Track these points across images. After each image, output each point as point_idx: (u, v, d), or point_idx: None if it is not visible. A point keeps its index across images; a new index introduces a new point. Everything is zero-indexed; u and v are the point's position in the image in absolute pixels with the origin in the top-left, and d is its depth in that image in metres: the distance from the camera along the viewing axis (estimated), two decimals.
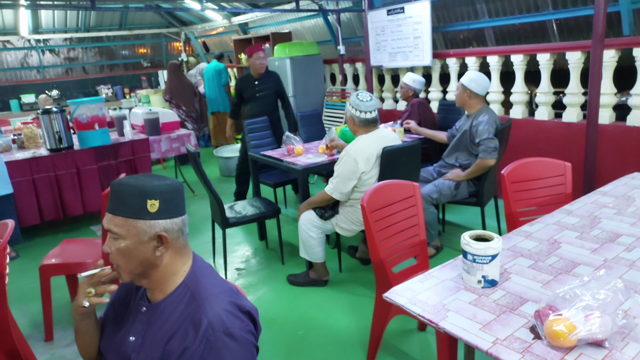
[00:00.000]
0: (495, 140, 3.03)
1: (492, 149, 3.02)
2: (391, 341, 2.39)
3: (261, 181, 3.98)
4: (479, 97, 3.18)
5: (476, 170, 3.11)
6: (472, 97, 3.16)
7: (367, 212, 2.00)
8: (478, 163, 3.09)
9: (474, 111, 3.19)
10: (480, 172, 3.13)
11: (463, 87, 3.18)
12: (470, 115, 3.22)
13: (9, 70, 8.58)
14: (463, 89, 3.18)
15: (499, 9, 4.46)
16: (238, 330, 1.06)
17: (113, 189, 1.09)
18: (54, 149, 4.06)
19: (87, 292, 1.14)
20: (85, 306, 1.15)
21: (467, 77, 3.17)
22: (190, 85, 6.48)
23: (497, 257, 1.42)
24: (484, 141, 3.03)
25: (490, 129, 3.04)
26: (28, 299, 3.09)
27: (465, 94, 3.17)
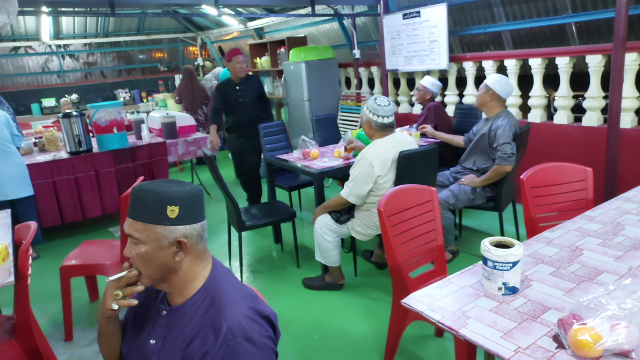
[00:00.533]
0: (513, 145, 2.99)
1: (509, 155, 2.98)
2: (408, 347, 2.37)
3: (276, 184, 3.99)
4: (500, 100, 3.14)
5: (492, 176, 3.08)
6: (493, 99, 3.12)
7: (384, 216, 1.99)
8: (495, 169, 3.05)
9: (493, 114, 3.15)
10: (497, 179, 3.09)
11: (486, 88, 3.14)
12: (489, 118, 3.19)
13: (31, 75, 8.78)
14: (486, 89, 3.14)
15: (517, 13, 4.41)
16: (257, 335, 1.06)
17: (134, 195, 1.10)
18: (74, 151, 4.14)
19: (114, 295, 1.15)
20: (114, 309, 1.16)
21: (493, 79, 3.14)
22: (201, 90, 6.54)
23: (518, 264, 1.40)
24: (502, 146, 3.00)
25: (508, 133, 3.00)
26: (48, 299, 3.14)
27: (487, 95, 3.13)
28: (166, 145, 4.61)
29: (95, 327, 2.78)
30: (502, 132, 3.01)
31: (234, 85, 4.20)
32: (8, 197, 3.59)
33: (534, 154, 4.01)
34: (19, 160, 3.68)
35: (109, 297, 1.16)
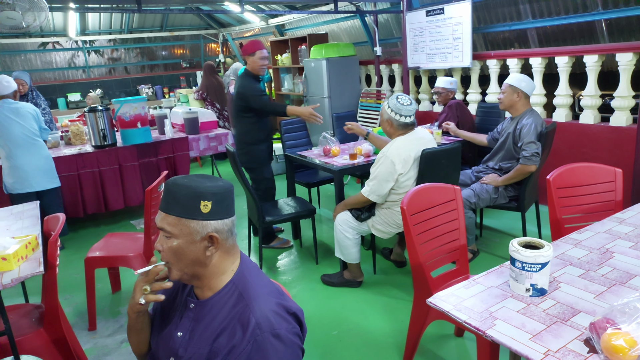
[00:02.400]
0: (538, 145, 2.93)
1: (533, 154, 2.93)
2: (427, 346, 2.35)
3: (296, 181, 4.00)
4: (527, 99, 3.10)
5: (516, 175, 3.02)
6: (521, 98, 3.08)
7: (407, 214, 1.98)
8: (518, 169, 3.00)
9: (519, 114, 3.10)
10: (520, 178, 3.04)
11: (512, 88, 3.08)
12: (514, 118, 3.13)
13: (57, 70, 8.98)
14: (512, 89, 3.08)
15: (544, 10, 4.31)
16: (285, 331, 1.07)
17: (167, 189, 1.11)
18: (99, 145, 4.22)
19: (143, 290, 1.17)
20: (141, 303, 1.17)
21: (515, 78, 3.09)
22: (222, 86, 6.60)
23: (547, 266, 1.37)
24: (527, 145, 2.94)
25: (534, 132, 2.94)
26: (73, 289, 3.22)
27: (515, 95, 3.08)
28: (188, 141, 4.66)
29: (118, 318, 2.83)
30: (527, 130, 2.95)
31: (258, 83, 3.56)
32: (34, 188, 3.67)
33: (559, 154, 3.93)
34: (44, 153, 3.75)
35: (137, 291, 1.18)
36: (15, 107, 3.60)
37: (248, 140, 3.53)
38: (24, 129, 3.60)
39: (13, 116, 3.57)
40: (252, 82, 3.46)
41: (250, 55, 3.45)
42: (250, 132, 3.52)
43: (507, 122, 3.24)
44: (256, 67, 3.46)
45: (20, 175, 3.62)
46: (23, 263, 1.93)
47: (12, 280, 1.78)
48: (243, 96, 3.43)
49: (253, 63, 3.46)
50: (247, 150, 3.54)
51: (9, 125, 3.57)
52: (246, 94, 3.41)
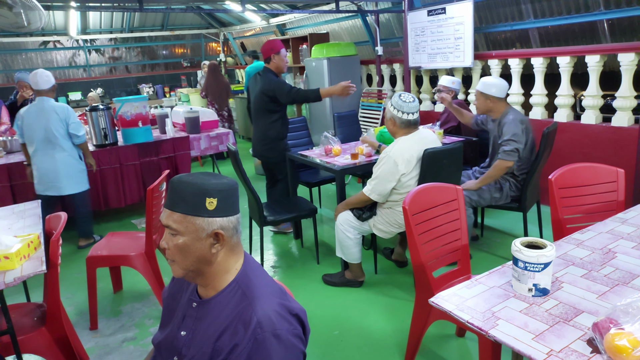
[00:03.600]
0: (518, 141, 2.96)
1: (513, 150, 2.96)
2: (429, 346, 2.35)
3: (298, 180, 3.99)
4: (502, 101, 3.13)
5: (494, 172, 3.04)
6: (495, 102, 3.12)
7: (409, 214, 1.98)
8: (496, 164, 3.03)
9: (499, 115, 3.14)
10: (499, 175, 3.05)
11: (483, 95, 3.13)
12: (495, 119, 3.16)
13: (58, 69, 8.99)
14: (484, 97, 3.13)
15: (546, 10, 4.31)
16: (285, 332, 1.07)
17: (173, 186, 1.11)
18: (100, 144, 4.22)
19: None
20: None
21: (485, 84, 3.12)
22: (226, 85, 6.62)
23: (549, 266, 1.37)
24: (506, 141, 2.99)
25: (515, 129, 2.98)
26: (74, 288, 3.22)
27: (488, 101, 3.13)
28: (189, 140, 4.66)
29: (119, 317, 2.84)
30: (508, 128, 3.00)
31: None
32: (52, 192, 3.60)
33: (560, 154, 3.92)
34: (63, 157, 3.59)
35: None
36: (42, 106, 3.50)
37: (274, 136, 3.65)
38: (46, 130, 3.49)
39: (39, 114, 3.49)
40: (279, 79, 3.55)
41: (276, 54, 3.56)
42: (276, 128, 3.64)
43: (490, 124, 3.26)
44: (282, 65, 3.59)
45: (38, 176, 3.60)
46: (25, 262, 1.93)
47: (15, 279, 1.78)
48: (273, 93, 3.50)
49: (279, 61, 3.58)
50: (274, 145, 3.66)
51: (33, 123, 3.50)
52: (277, 89, 3.48)
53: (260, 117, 3.67)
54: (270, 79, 3.53)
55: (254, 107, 3.76)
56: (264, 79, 3.57)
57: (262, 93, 3.57)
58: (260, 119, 3.67)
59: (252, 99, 3.79)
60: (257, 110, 3.70)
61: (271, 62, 3.59)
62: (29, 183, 3.86)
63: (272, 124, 3.63)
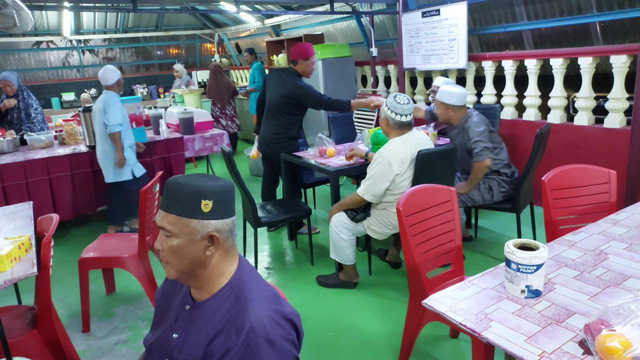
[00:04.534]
0: (483, 142, 3.00)
1: (482, 150, 3.00)
2: (423, 347, 2.35)
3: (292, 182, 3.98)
4: (462, 109, 3.18)
5: (475, 175, 3.08)
6: (455, 110, 3.17)
7: (403, 215, 1.98)
8: (474, 167, 3.07)
9: (460, 122, 3.19)
10: (481, 175, 3.08)
11: (444, 105, 3.17)
12: (457, 125, 3.20)
13: (52, 70, 8.93)
14: (445, 107, 3.17)
15: (539, 12, 4.33)
16: (278, 338, 1.06)
17: (168, 188, 1.10)
18: (93, 145, 4.19)
19: None
20: None
21: (445, 94, 3.15)
22: (228, 85, 6.77)
23: (542, 267, 1.37)
24: (474, 144, 3.03)
25: (478, 130, 3.02)
26: (66, 290, 3.19)
27: (449, 111, 3.18)
28: (183, 141, 4.64)
29: (112, 320, 2.82)
30: (472, 131, 3.05)
31: None
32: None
33: (553, 155, 3.94)
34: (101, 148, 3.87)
35: None
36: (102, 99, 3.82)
37: (291, 136, 3.71)
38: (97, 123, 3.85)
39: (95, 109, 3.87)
40: (306, 84, 3.59)
41: (305, 59, 3.61)
42: (293, 129, 3.72)
43: (452, 130, 3.29)
44: (308, 70, 3.65)
45: None
46: (16, 264, 1.91)
47: (5, 282, 1.77)
48: (300, 98, 3.56)
49: (306, 67, 3.63)
50: (288, 144, 3.72)
51: (95, 114, 3.88)
52: (305, 95, 3.55)
53: (278, 115, 3.65)
54: (298, 84, 3.56)
55: (272, 104, 3.70)
56: (291, 82, 3.57)
57: (287, 96, 3.57)
58: (278, 117, 3.66)
59: (270, 95, 3.73)
60: (276, 108, 3.66)
61: (298, 65, 3.63)
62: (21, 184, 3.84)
63: (292, 124, 3.69)
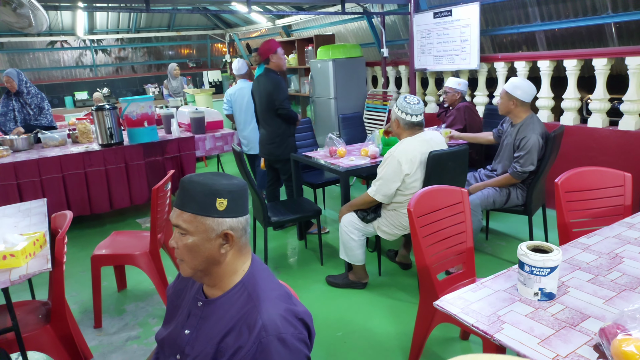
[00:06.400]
0: (531, 165, 2.97)
1: (523, 172, 2.98)
2: (433, 348, 2.34)
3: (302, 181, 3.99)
4: (525, 105, 3.07)
5: (501, 184, 3.10)
6: (517, 105, 3.06)
7: (414, 216, 1.97)
8: (506, 178, 3.07)
9: (520, 120, 3.09)
10: (504, 186, 3.11)
11: (508, 95, 3.07)
12: (515, 124, 3.12)
13: (65, 69, 9.04)
14: (508, 97, 3.07)
15: (552, 12, 4.29)
16: (290, 337, 1.06)
17: (183, 186, 1.11)
18: (106, 144, 4.24)
19: None
20: None
21: (512, 84, 3.07)
22: None
23: (556, 270, 1.36)
24: (524, 159, 2.97)
25: (533, 146, 2.94)
26: (78, 287, 3.23)
27: (511, 103, 3.07)
28: (194, 140, 4.67)
29: (123, 316, 2.85)
30: (527, 145, 2.96)
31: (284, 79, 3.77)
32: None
33: (566, 157, 3.90)
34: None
35: None
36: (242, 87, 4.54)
37: (285, 133, 3.74)
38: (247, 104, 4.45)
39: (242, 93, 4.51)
40: (283, 83, 3.65)
41: (274, 53, 3.65)
42: (286, 129, 3.76)
43: (508, 125, 3.23)
44: (281, 63, 3.70)
45: None
46: (31, 260, 1.94)
47: (20, 277, 1.79)
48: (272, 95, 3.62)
49: (278, 60, 3.68)
50: (281, 142, 3.75)
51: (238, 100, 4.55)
52: (274, 92, 3.60)
53: (267, 116, 3.74)
54: (274, 79, 3.63)
55: (260, 108, 3.82)
56: (268, 79, 3.65)
57: (268, 93, 3.64)
58: (268, 118, 3.74)
59: (257, 102, 3.85)
60: (264, 110, 3.76)
61: (270, 62, 3.69)
62: (36, 181, 3.89)
63: (282, 124, 3.73)
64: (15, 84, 4.39)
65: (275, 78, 3.64)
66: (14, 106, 4.49)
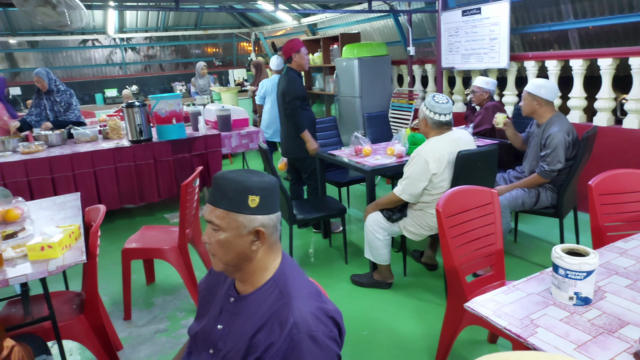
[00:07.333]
0: (559, 162, 2.89)
1: (551, 171, 2.91)
2: (459, 351, 2.31)
3: (326, 180, 4.00)
4: (549, 105, 3.01)
5: (529, 184, 3.03)
6: (542, 104, 3.01)
7: (443, 217, 1.95)
8: (534, 178, 3.00)
9: (545, 120, 3.03)
10: (532, 186, 3.04)
11: (531, 96, 3.02)
12: (541, 125, 3.05)
13: (96, 67, 9.29)
14: (531, 97, 3.02)
15: (587, 10, 4.17)
16: (321, 335, 1.06)
17: (216, 182, 1.13)
18: (135, 140, 4.33)
19: None
20: None
21: (534, 84, 3.02)
22: None
23: (592, 274, 1.32)
24: (550, 157, 2.90)
25: (560, 148, 2.87)
26: (109, 279, 3.32)
27: (535, 103, 3.01)
28: (221, 138, 4.73)
29: (152, 309, 2.91)
30: (553, 142, 2.89)
31: (301, 80, 3.75)
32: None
33: (599, 159, 3.79)
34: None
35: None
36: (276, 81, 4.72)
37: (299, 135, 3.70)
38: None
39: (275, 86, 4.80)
40: (299, 85, 3.63)
41: (297, 52, 3.64)
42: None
43: (534, 125, 3.16)
44: (303, 62, 3.68)
45: None
46: (67, 251, 2.00)
47: (57, 268, 1.85)
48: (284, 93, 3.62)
49: (301, 59, 3.67)
50: (297, 144, 3.72)
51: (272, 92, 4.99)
52: (287, 91, 3.59)
53: (285, 117, 3.75)
54: (289, 78, 3.63)
55: (280, 107, 3.84)
56: (286, 78, 3.66)
57: (282, 92, 3.67)
58: (286, 119, 3.75)
59: (279, 100, 3.87)
60: (282, 110, 3.77)
61: (293, 62, 3.68)
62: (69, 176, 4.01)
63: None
64: (45, 83, 4.49)
65: (291, 77, 3.63)
66: (46, 105, 4.61)
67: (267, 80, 5.26)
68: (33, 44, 8.60)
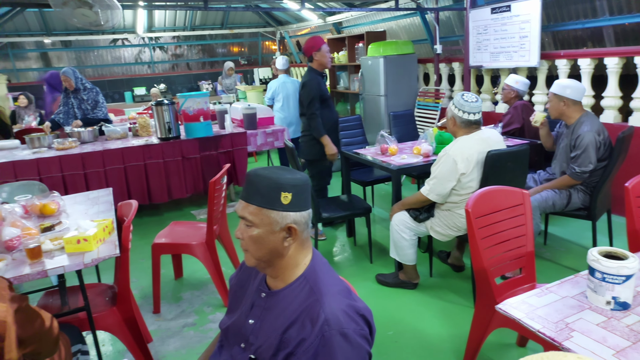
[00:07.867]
0: (593, 163, 2.81)
1: (582, 172, 2.84)
2: (487, 354, 2.28)
3: (351, 179, 4.00)
4: (577, 105, 2.93)
5: (559, 185, 2.96)
6: (569, 105, 2.92)
7: (472, 217, 1.92)
8: (564, 180, 2.93)
9: (574, 121, 2.95)
10: (563, 188, 2.97)
11: (557, 97, 2.94)
12: (570, 125, 2.97)
13: (125, 65, 9.53)
14: (557, 99, 2.94)
15: (623, 6, 4.04)
16: (352, 332, 1.07)
17: (249, 179, 1.15)
18: (164, 138, 4.42)
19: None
20: None
21: (559, 85, 2.94)
22: None
23: (632, 278, 1.29)
24: (580, 158, 2.82)
25: (590, 148, 2.79)
26: (138, 273, 3.40)
27: (562, 104, 2.94)
28: (247, 136, 4.78)
29: (180, 303, 2.97)
30: (583, 143, 2.81)
31: (321, 79, 3.63)
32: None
33: (635, 161, 3.66)
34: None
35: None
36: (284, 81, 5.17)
37: (314, 136, 3.64)
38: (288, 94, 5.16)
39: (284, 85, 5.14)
40: (316, 86, 3.51)
41: (318, 51, 3.55)
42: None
43: (564, 129, 3.08)
44: (324, 61, 3.58)
45: None
46: (101, 245, 2.07)
47: (92, 260, 1.91)
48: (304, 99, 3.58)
49: (322, 58, 3.57)
50: (309, 141, 3.68)
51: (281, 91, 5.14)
52: (304, 94, 3.55)
53: (302, 116, 3.75)
54: (307, 82, 3.54)
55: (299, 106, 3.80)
56: (305, 80, 3.59)
57: (299, 92, 3.65)
58: (303, 118, 3.75)
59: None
60: (300, 110, 3.76)
61: (314, 61, 3.60)
62: (100, 172, 4.13)
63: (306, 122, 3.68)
64: (72, 82, 4.56)
65: (309, 78, 3.53)
66: (73, 103, 4.72)
67: (275, 81, 5.27)
68: (66, 43, 8.88)
